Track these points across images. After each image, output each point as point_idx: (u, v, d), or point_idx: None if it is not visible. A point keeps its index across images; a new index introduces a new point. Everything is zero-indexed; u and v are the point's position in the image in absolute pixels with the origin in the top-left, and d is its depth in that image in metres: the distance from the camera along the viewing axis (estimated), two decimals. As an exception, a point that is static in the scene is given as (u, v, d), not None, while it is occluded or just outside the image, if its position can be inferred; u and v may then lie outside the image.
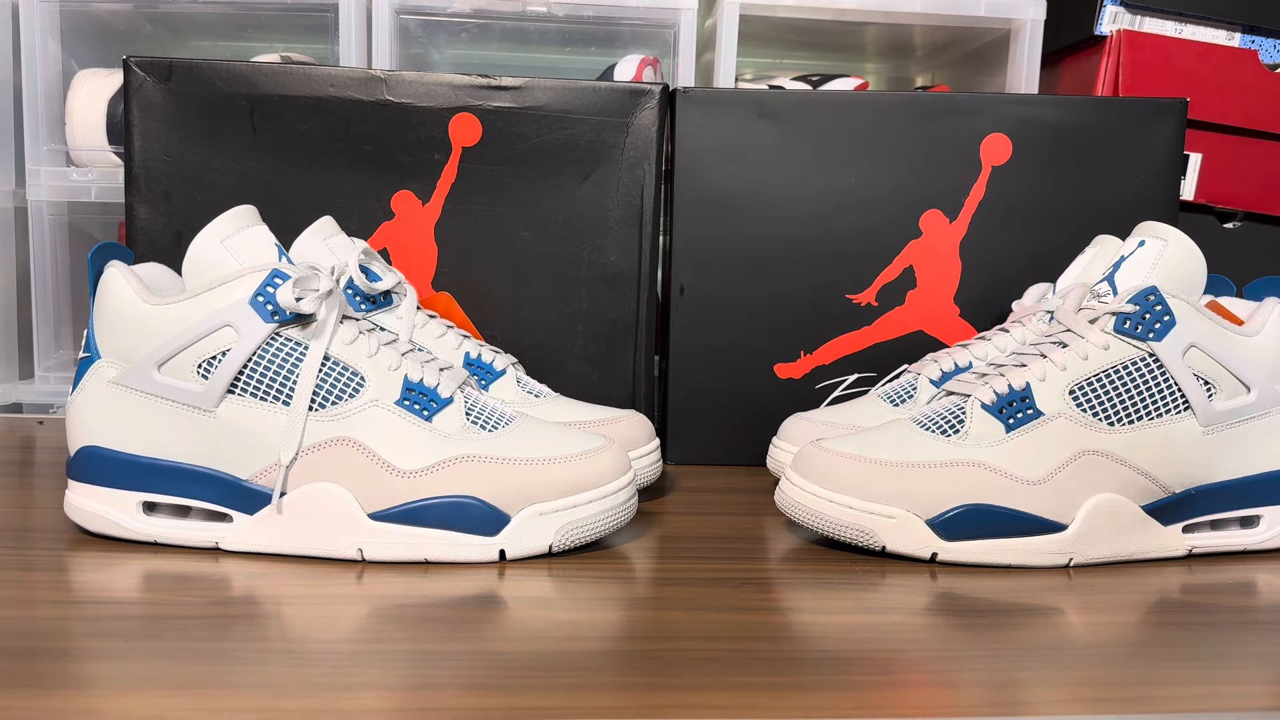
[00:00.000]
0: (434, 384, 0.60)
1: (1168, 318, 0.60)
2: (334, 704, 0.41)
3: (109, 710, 0.40)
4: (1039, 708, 0.42)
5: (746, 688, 0.43)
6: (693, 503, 0.73)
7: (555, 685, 0.43)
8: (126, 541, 0.59)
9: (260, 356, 0.57)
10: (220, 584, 0.54)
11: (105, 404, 0.59)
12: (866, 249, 0.84)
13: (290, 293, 0.57)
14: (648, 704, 0.42)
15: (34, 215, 1.02)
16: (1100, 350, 0.61)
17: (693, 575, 0.57)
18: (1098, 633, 0.50)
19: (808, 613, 0.53)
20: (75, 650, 0.46)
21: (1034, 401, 0.60)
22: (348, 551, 0.57)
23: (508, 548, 0.58)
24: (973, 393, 0.62)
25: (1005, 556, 0.59)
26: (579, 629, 0.49)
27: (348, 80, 0.78)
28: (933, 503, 0.58)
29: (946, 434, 0.61)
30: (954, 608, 0.53)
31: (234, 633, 0.48)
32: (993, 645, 0.48)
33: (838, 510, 0.59)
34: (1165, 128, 0.84)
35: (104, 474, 0.59)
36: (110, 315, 0.59)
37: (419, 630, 0.49)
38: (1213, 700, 0.43)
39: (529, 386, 0.73)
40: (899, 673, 0.45)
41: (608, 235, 0.80)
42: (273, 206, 0.76)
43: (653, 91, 0.80)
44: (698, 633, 0.49)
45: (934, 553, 0.59)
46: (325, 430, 0.57)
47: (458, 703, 0.41)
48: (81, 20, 1.06)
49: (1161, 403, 0.60)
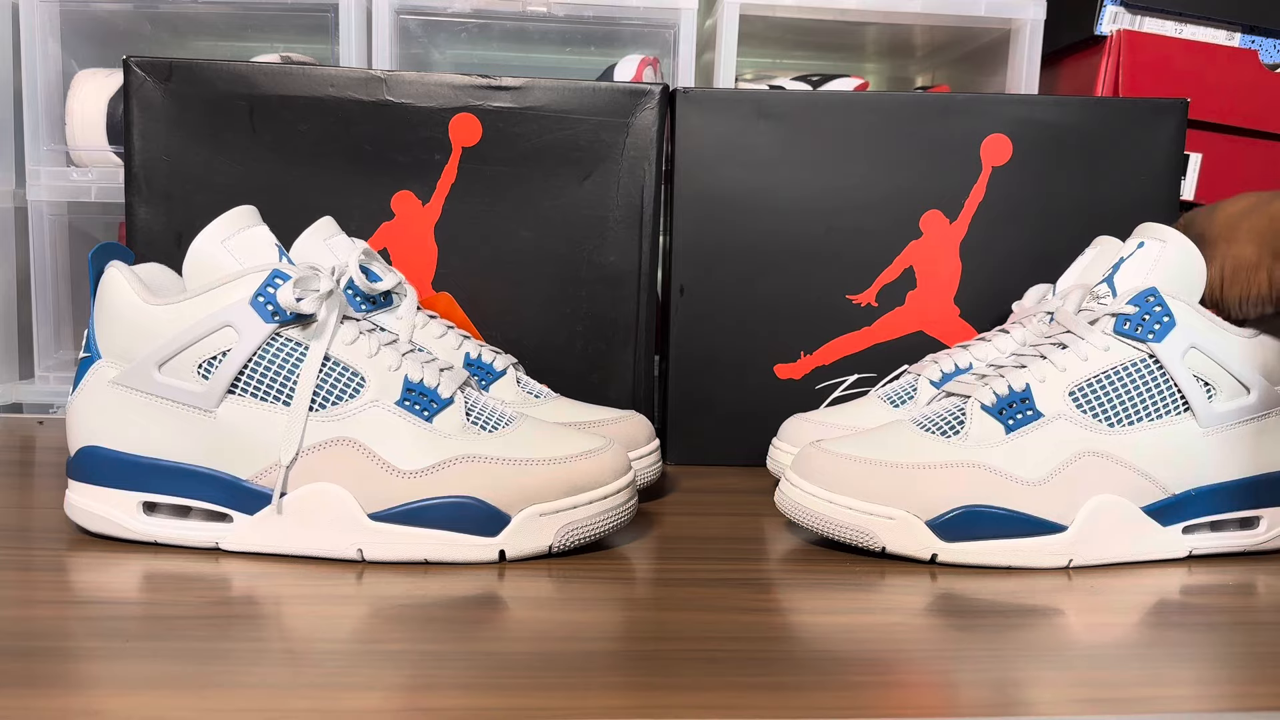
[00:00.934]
0: (434, 384, 0.60)
1: (1167, 319, 0.60)
2: (335, 704, 0.41)
3: (109, 710, 0.40)
4: (1039, 708, 0.42)
5: (747, 687, 0.43)
6: (692, 503, 0.73)
7: (555, 685, 0.43)
8: (126, 541, 0.59)
9: (261, 357, 0.57)
10: (220, 584, 0.54)
11: (106, 404, 0.59)
12: (866, 249, 0.84)
13: (291, 293, 0.57)
14: (648, 704, 0.42)
15: (34, 215, 1.02)
16: (1100, 351, 0.61)
17: (693, 575, 0.57)
18: (1097, 633, 0.50)
19: (808, 613, 0.53)
20: (75, 650, 0.46)
21: (1034, 403, 0.60)
22: (348, 552, 0.57)
23: (508, 548, 0.58)
24: (972, 394, 0.62)
25: (1005, 558, 0.59)
26: (579, 629, 0.49)
27: (348, 80, 0.78)
28: (932, 504, 0.58)
29: (946, 435, 0.61)
30: (954, 608, 0.53)
31: (234, 633, 0.48)
32: (992, 646, 0.48)
33: (837, 511, 0.59)
34: (1165, 128, 0.84)
35: (104, 474, 0.59)
36: (111, 315, 0.59)
37: (419, 630, 0.49)
38: (1213, 700, 0.43)
39: (529, 387, 0.73)
40: (899, 673, 0.45)
41: (607, 235, 0.80)
42: (272, 207, 0.76)
43: (652, 92, 0.80)
44: (698, 633, 0.49)
45: (934, 554, 0.59)
46: (325, 430, 0.57)
47: (458, 703, 0.41)
48: (81, 20, 1.06)
49: (1161, 404, 0.60)
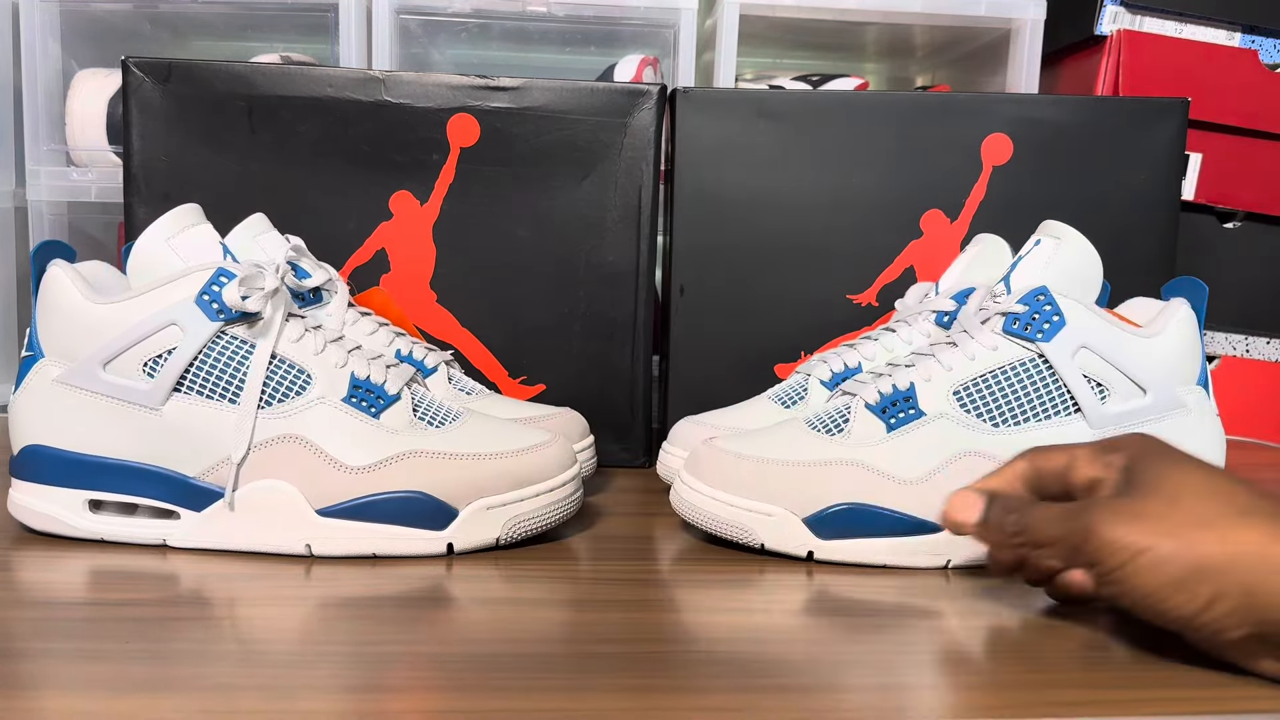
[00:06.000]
0: (381, 381, 0.60)
1: (1057, 318, 0.59)
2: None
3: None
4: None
5: (747, 689, 0.43)
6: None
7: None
8: (72, 540, 0.59)
9: (206, 355, 0.57)
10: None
11: (49, 402, 0.59)
12: (867, 249, 0.83)
13: (236, 291, 0.57)
14: (649, 705, 0.42)
15: (34, 215, 1.02)
16: (989, 351, 0.60)
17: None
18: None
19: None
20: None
21: (916, 402, 0.60)
22: (296, 547, 0.58)
23: (456, 541, 0.58)
24: (859, 392, 0.62)
25: (880, 556, 0.58)
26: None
27: (346, 81, 0.78)
28: (811, 501, 0.58)
29: (831, 433, 0.61)
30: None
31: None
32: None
33: (720, 508, 0.59)
34: (1165, 128, 0.83)
35: (48, 472, 0.59)
36: (53, 314, 0.59)
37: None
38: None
39: (461, 384, 0.73)
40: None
41: (606, 235, 0.80)
42: (271, 207, 0.76)
43: (650, 92, 0.79)
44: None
45: (810, 551, 0.59)
46: (272, 428, 0.57)
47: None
48: (81, 20, 1.06)
49: (1050, 404, 0.59)
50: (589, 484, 0.74)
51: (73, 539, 0.59)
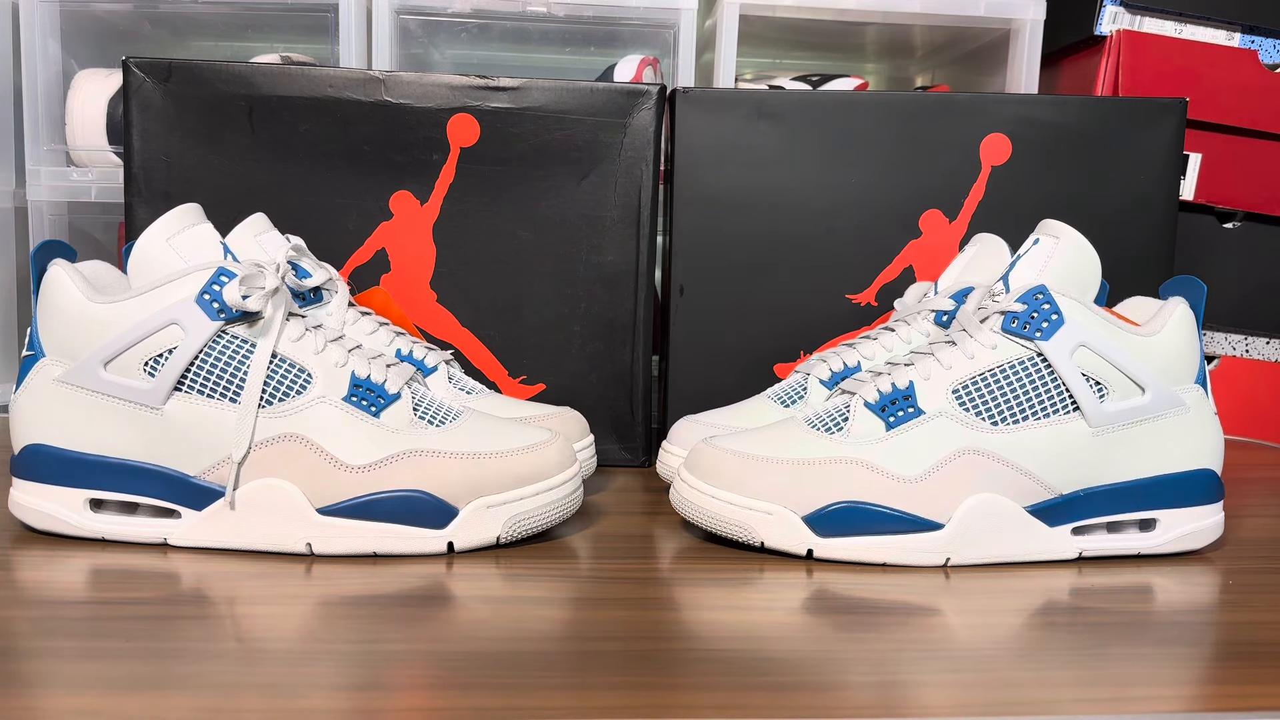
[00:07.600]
0: (381, 380, 0.60)
1: (1055, 317, 0.59)
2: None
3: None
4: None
5: (747, 686, 0.43)
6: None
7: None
8: (72, 538, 0.59)
9: (207, 355, 0.57)
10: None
11: (50, 402, 0.59)
12: (866, 249, 0.84)
13: (237, 291, 0.57)
14: (650, 704, 0.42)
15: (34, 215, 1.02)
16: (988, 350, 0.60)
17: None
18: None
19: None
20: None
21: (916, 400, 0.60)
22: (297, 546, 0.58)
23: (456, 540, 0.59)
24: (859, 391, 0.62)
25: (879, 554, 0.58)
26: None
27: (346, 81, 0.78)
28: (810, 499, 0.58)
29: (831, 432, 0.61)
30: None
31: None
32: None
33: (720, 506, 0.60)
34: (1165, 128, 0.83)
35: (49, 471, 0.59)
36: (54, 313, 0.59)
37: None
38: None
39: (461, 383, 0.74)
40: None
41: (605, 235, 0.81)
42: (271, 207, 0.76)
43: (650, 92, 0.80)
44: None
45: (809, 549, 0.59)
46: (273, 427, 0.57)
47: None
48: (81, 20, 1.06)
49: (1049, 403, 0.59)
50: (589, 483, 0.74)
51: (74, 538, 0.60)
